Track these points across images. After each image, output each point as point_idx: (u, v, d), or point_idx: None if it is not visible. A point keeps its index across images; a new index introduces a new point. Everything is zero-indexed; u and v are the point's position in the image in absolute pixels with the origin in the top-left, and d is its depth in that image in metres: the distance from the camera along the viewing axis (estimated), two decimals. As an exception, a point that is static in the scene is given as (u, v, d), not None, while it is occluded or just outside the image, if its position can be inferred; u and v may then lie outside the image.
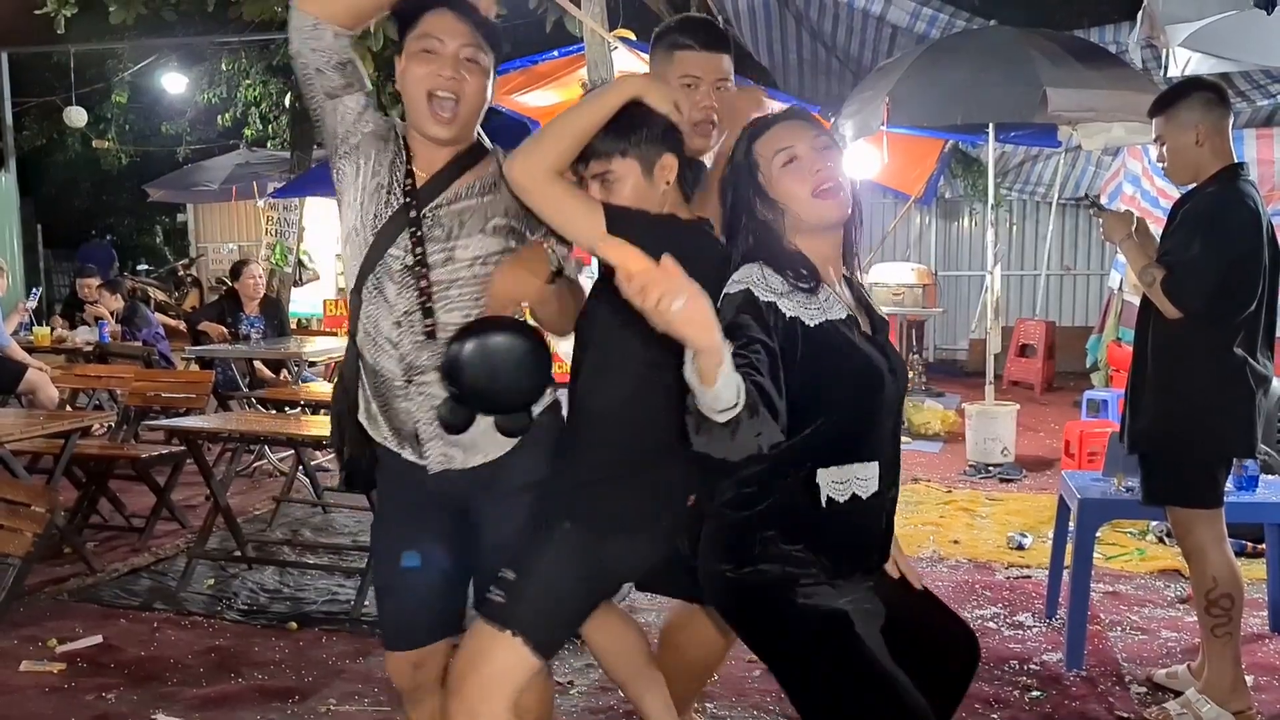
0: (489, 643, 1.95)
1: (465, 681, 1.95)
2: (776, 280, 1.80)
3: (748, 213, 1.89)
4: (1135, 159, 7.79)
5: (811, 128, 1.89)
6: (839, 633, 1.79)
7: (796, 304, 1.79)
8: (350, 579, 4.27)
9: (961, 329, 12.11)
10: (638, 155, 1.96)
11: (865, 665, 1.78)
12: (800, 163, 1.85)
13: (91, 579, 4.33)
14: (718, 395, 1.50)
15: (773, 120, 1.92)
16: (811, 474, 1.81)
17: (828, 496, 1.81)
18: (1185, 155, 2.96)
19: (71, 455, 4.44)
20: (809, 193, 1.84)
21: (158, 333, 8.07)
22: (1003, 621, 3.87)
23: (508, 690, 1.93)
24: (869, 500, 1.85)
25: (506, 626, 1.94)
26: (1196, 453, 2.98)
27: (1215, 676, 2.99)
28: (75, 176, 17.86)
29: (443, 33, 1.98)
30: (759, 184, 1.88)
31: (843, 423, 1.80)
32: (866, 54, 8.39)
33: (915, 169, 9.44)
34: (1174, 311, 2.89)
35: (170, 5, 11.03)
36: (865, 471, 1.84)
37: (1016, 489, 6.13)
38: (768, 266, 1.81)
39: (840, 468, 1.82)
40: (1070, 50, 6.30)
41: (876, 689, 1.77)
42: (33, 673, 3.38)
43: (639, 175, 1.97)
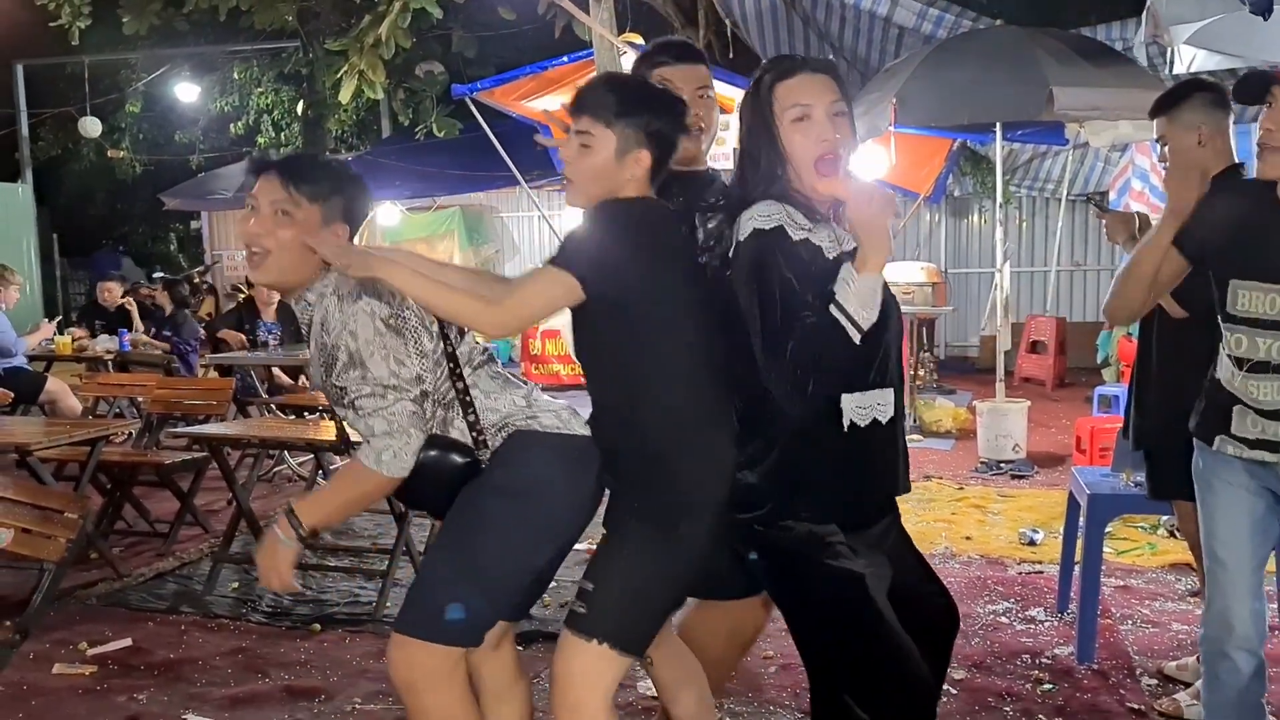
0: (579, 651, 2.02)
1: (565, 692, 2.03)
2: (800, 216, 1.90)
3: (757, 151, 1.96)
4: (1144, 155, 7.82)
5: (831, 89, 1.94)
6: (856, 596, 1.89)
7: (822, 237, 1.91)
8: (371, 581, 4.35)
9: (972, 326, 12.14)
10: (618, 134, 2.02)
11: (878, 629, 1.89)
12: (811, 124, 1.91)
13: (119, 583, 4.41)
14: (874, 287, 1.82)
15: (801, 65, 1.96)
16: (835, 400, 1.90)
17: (850, 421, 1.91)
18: (1188, 156, 3.00)
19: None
20: (811, 159, 1.91)
21: (193, 343, 8.20)
22: (1015, 616, 3.92)
23: (603, 690, 2.02)
24: (887, 425, 1.96)
25: (592, 636, 2.01)
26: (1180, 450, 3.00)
27: None
28: (90, 186, 18.05)
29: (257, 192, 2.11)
30: (771, 128, 1.94)
31: (862, 350, 1.87)
32: (874, 55, 8.44)
33: (924, 167, 9.50)
34: (1180, 312, 2.93)
35: (182, 15, 11.16)
36: (884, 398, 1.95)
37: (1028, 485, 6.17)
38: (787, 204, 1.91)
39: (863, 393, 1.92)
40: (1076, 49, 6.35)
41: (885, 652, 1.88)
42: (65, 675, 3.46)
43: (610, 153, 2.03)
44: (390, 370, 2.01)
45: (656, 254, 2.03)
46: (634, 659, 2.08)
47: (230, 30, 12.87)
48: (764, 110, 1.94)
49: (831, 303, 1.82)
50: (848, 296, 1.81)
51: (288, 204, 2.06)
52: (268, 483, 6.18)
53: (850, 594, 1.89)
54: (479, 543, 2.09)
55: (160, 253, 18.96)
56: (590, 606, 2.02)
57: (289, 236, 2.06)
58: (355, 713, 3.19)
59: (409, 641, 2.08)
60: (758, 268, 1.87)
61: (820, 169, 1.90)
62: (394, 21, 7.78)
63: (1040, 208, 12.04)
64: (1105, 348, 8.50)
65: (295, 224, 2.06)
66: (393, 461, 2.00)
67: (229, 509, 5.49)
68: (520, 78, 7.68)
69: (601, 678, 2.02)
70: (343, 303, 2.04)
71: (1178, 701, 3.09)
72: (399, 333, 2.03)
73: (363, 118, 15.15)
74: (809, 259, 1.88)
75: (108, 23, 11.40)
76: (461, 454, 2.10)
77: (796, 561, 1.93)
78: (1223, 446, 2.39)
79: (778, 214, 1.89)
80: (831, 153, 1.90)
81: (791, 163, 1.93)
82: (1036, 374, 10.24)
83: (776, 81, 1.94)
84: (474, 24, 12.19)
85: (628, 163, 2.04)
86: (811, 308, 1.83)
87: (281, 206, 2.06)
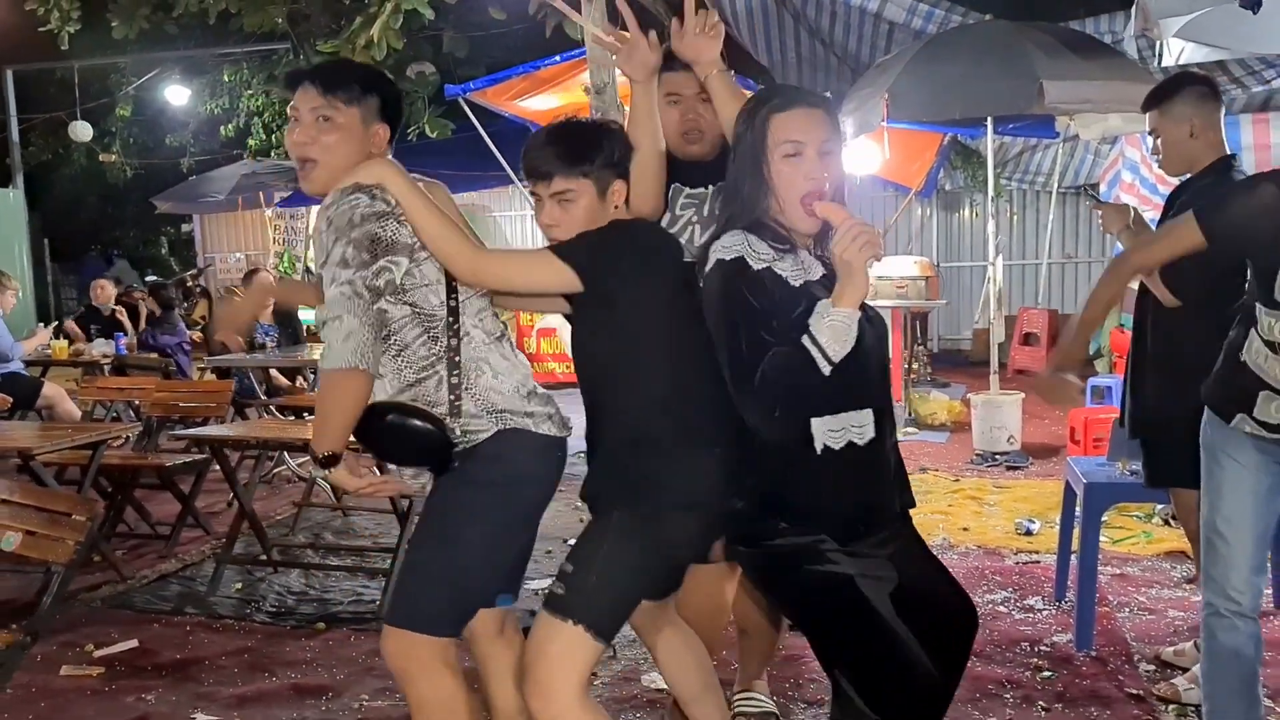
0: (554, 632, 2.07)
1: (535, 669, 2.09)
2: (763, 246, 1.92)
3: (745, 179, 1.98)
4: (1134, 147, 7.87)
5: (824, 126, 1.96)
6: (846, 596, 1.91)
7: (783, 267, 1.92)
8: (374, 579, 4.38)
9: (965, 319, 12.20)
10: (594, 179, 2.15)
11: (874, 629, 1.91)
12: (801, 161, 1.94)
13: (122, 586, 4.43)
14: (849, 323, 1.81)
15: (797, 99, 1.98)
16: (806, 426, 1.91)
17: (824, 445, 1.92)
18: (1179, 148, 3.05)
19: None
20: (797, 196, 1.94)
21: (184, 343, 8.21)
22: (1013, 605, 3.96)
23: (576, 673, 2.06)
24: (867, 447, 1.95)
25: (568, 617, 2.06)
26: (1198, 434, 3.06)
27: None
28: (81, 190, 18.01)
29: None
30: (759, 158, 1.97)
31: (834, 376, 1.86)
32: (865, 50, 8.47)
33: (915, 162, 9.54)
34: (1172, 300, 2.97)
35: (171, 19, 11.13)
36: (860, 419, 1.94)
37: (1023, 476, 6.22)
38: (751, 234, 1.94)
39: (834, 416, 1.92)
40: (1066, 42, 6.38)
41: (884, 651, 1.91)
42: (73, 676, 3.49)
43: (593, 196, 2.16)
44: (346, 261, 2.02)
45: (646, 259, 2.13)
46: (606, 645, 2.12)
47: (220, 33, 12.82)
48: (756, 140, 1.96)
49: (805, 334, 1.82)
50: (820, 329, 1.81)
51: (327, 109, 2.13)
52: (267, 484, 6.20)
53: (842, 595, 1.91)
54: (459, 534, 2.14)
55: (152, 256, 18.94)
56: (569, 589, 2.08)
57: (333, 141, 2.13)
58: (363, 709, 3.21)
59: (398, 632, 2.15)
60: (722, 298, 1.90)
61: (806, 206, 1.93)
62: (385, 23, 7.77)
63: (1031, 201, 12.11)
64: (1097, 339, 8.55)
65: (337, 128, 2.13)
66: (326, 353, 2.04)
67: (229, 511, 5.52)
68: (513, 77, 7.70)
69: (575, 660, 2.06)
70: (340, 195, 2.08)
71: (1175, 686, 3.13)
72: (375, 236, 2.04)
73: (354, 119, 15.12)
74: (771, 288, 1.89)
75: (97, 27, 11.36)
76: (423, 420, 2.12)
77: (785, 571, 1.95)
78: (1241, 425, 2.44)
79: (739, 245, 1.91)
80: (818, 191, 1.92)
81: (776, 196, 1.95)
82: (1029, 366, 10.29)
83: (772, 114, 1.96)
84: (465, 24, 12.18)
85: (610, 197, 2.17)
86: (779, 336, 1.84)
87: (322, 113, 2.13)
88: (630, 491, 2.10)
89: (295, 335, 7.21)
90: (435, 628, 2.14)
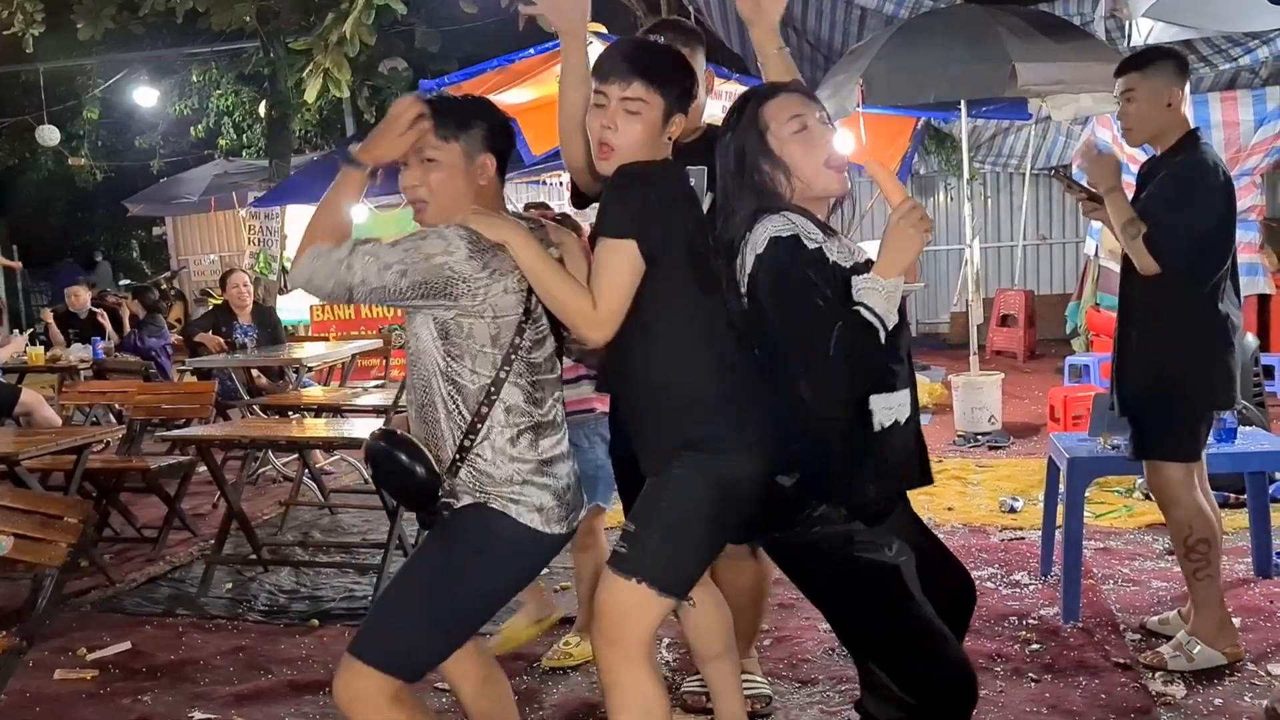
0: (619, 588, 2.09)
1: (601, 622, 2.12)
2: (810, 226, 1.96)
3: (755, 170, 2.01)
4: (1105, 128, 7.94)
5: (816, 103, 2.04)
6: (892, 587, 1.96)
7: (833, 249, 1.98)
8: (365, 575, 4.38)
9: (943, 302, 12.28)
10: (666, 101, 2.11)
11: (916, 617, 1.96)
12: (811, 133, 2.00)
13: (111, 590, 4.42)
14: (896, 290, 1.90)
15: (779, 88, 2.04)
16: (864, 402, 1.97)
17: (880, 422, 1.98)
18: (1152, 117, 3.05)
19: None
20: (821, 162, 2.00)
21: (167, 345, 8.16)
22: (1000, 581, 4.02)
23: (641, 628, 2.09)
24: (906, 424, 2.03)
25: (632, 575, 2.07)
26: (1185, 408, 3.10)
27: (1202, 618, 3.15)
28: (50, 195, 17.81)
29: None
30: (767, 145, 2.00)
31: (888, 351, 1.93)
32: (837, 37, 8.52)
33: (889, 147, 9.57)
34: (1153, 267, 2.97)
35: (138, 19, 11.03)
36: (902, 398, 2.03)
37: (1005, 455, 6.29)
38: (797, 215, 1.97)
39: (887, 395, 1.99)
40: (1036, 25, 6.45)
41: (924, 638, 1.96)
42: (67, 680, 3.47)
43: (658, 118, 2.11)
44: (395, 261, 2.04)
45: (678, 209, 2.09)
46: (676, 599, 2.14)
47: (187, 32, 12.72)
48: (755, 131, 2.00)
49: (862, 305, 1.89)
50: (875, 299, 1.88)
51: (429, 149, 2.12)
52: (252, 485, 6.18)
53: (886, 585, 1.96)
54: (445, 595, 2.11)
55: (124, 260, 18.73)
56: (631, 546, 2.09)
57: (438, 180, 2.12)
58: (360, 703, 3.22)
59: (361, 666, 2.08)
60: (780, 276, 1.93)
61: (832, 166, 1.99)
62: (358, 18, 7.76)
63: (1005, 183, 12.18)
64: (1074, 318, 8.65)
65: (442, 166, 2.12)
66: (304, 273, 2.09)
67: (216, 512, 5.51)
68: (487, 71, 7.67)
69: (641, 616, 2.08)
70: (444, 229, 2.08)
71: (1161, 654, 3.19)
72: (431, 273, 2.04)
73: (326, 116, 15.05)
74: (825, 267, 1.94)
75: (62, 29, 11.25)
76: (422, 464, 2.08)
77: (830, 559, 1.99)
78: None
79: (788, 226, 1.95)
80: (837, 155, 2.00)
81: (798, 174, 1.99)
82: (1008, 347, 10.40)
83: (763, 102, 2.01)
84: (436, 19, 12.14)
85: (670, 126, 2.13)
86: (837, 311, 1.89)
87: (425, 155, 2.12)
88: (687, 446, 2.08)
89: (274, 335, 7.17)
90: (396, 668, 2.09)
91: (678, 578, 2.11)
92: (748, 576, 2.84)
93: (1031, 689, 3.10)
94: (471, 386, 2.09)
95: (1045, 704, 2.99)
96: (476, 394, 2.09)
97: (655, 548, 2.08)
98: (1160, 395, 3.10)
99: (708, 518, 2.09)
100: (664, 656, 3.43)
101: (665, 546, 2.08)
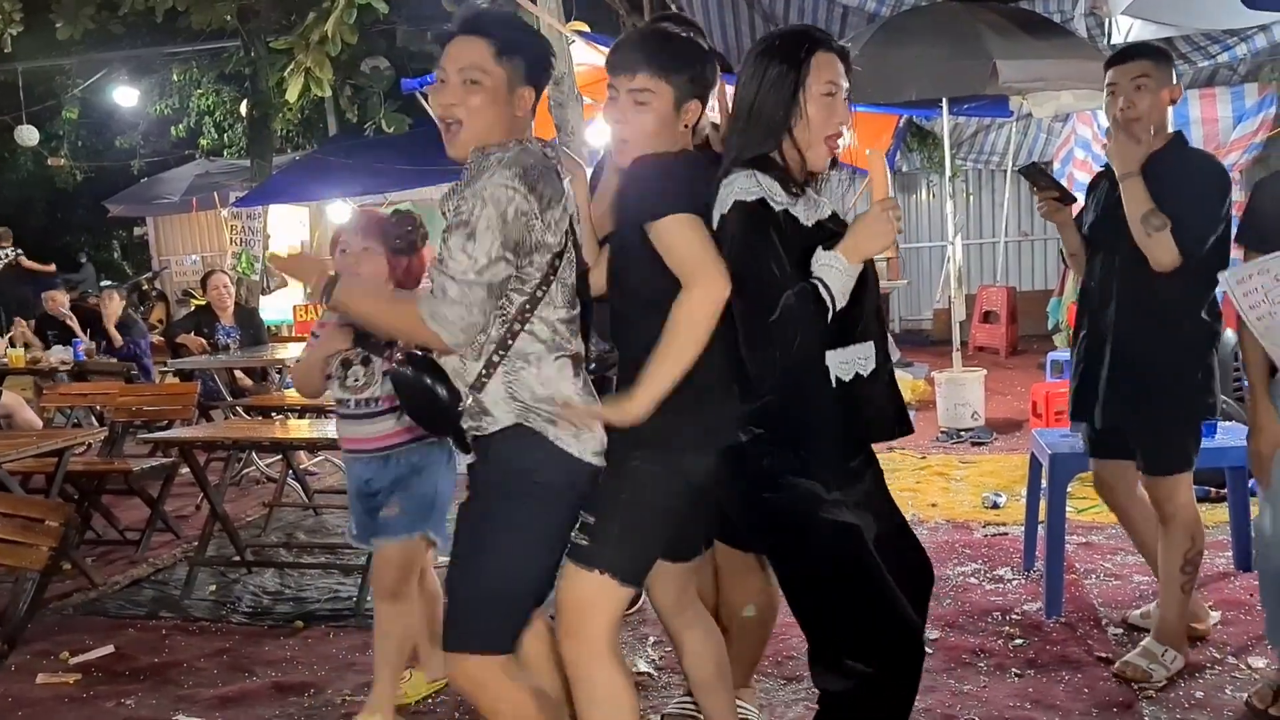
0: (580, 581, 2.10)
1: (564, 616, 2.13)
2: (776, 187, 1.99)
3: (782, 104, 2.02)
4: (1085, 125, 8.00)
5: (844, 74, 2.07)
6: (852, 546, 1.99)
7: (799, 209, 2.01)
8: (349, 576, 4.36)
9: (925, 299, 12.33)
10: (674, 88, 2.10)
11: (872, 578, 1.99)
12: (834, 102, 2.03)
13: (94, 593, 4.39)
14: (853, 276, 1.95)
15: (832, 42, 2.07)
16: (820, 358, 2.00)
17: (836, 377, 2.01)
18: (1161, 106, 2.95)
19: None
20: (823, 134, 2.03)
21: (148, 344, 8.12)
22: (983, 577, 4.04)
23: (604, 619, 2.11)
24: (870, 377, 2.06)
25: (592, 566, 2.09)
26: (1193, 416, 3.04)
27: (1173, 625, 3.12)
28: (29, 196, 17.64)
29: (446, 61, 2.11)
30: (800, 88, 2.02)
31: (842, 308, 1.97)
32: (819, 35, 8.51)
33: (872, 144, 9.61)
34: (1171, 263, 2.85)
35: (117, 18, 10.95)
36: (864, 351, 2.06)
37: (988, 451, 6.33)
38: (764, 175, 1.99)
39: (844, 349, 2.02)
40: (1017, 22, 6.49)
41: (880, 599, 1.98)
42: (50, 685, 3.45)
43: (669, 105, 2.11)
44: (489, 251, 1.97)
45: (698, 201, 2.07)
46: (635, 589, 2.15)
47: (167, 32, 12.65)
48: (795, 73, 2.01)
49: (819, 281, 1.93)
50: (833, 280, 1.94)
51: (476, 71, 2.06)
52: (235, 486, 6.15)
53: (847, 545, 1.99)
54: (498, 547, 2.10)
55: (105, 261, 18.60)
56: (591, 538, 2.10)
57: (478, 103, 2.06)
58: (345, 704, 3.22)
59: (459, 656, 2.11)
60: (742, 244, 1.96)
61: (830, 144, 2.04)
62: (339, 17, 7.73)
63: (987, 180, 12.24)
64: (1055, 314, 8.69)
65: (484, 90, 2.07)
66: (442, 324, 1.99)
67: (198, 514, 5.48)
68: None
69: (603, 607, 2.10)
70: (499, 169, 2.01)
71: (1140, 668, 3.12)
72: (516, 230, 2.00)
73: (308, 116, 14.98)
74: (788, 229, 1.98)
75: (41, 28, 11.17)
76: (443, 385, 2.08)
77: (794, 517, 2.02)
78: None
79: (756, 187, 1.97)
80: (839, 133, 2.04)
81: (808, 129, 2.02)
82: (990, 343, 10.45)
83: (815, 50, 2.02)
84: (418, 17, 12.09)
85: (684, 113, 2.12)
86: (790, 280, 1.93)
87: (469, 75, 2.07)
88: (647, 436, 2.08)
89: (257, 336, 7.14)
90: (490, 645, 2.10)
91: (637, 567, 2.14)
92: (753, 594, 2.69)
93: (1014, 684, 3.11)
94: (516, 298, 2.06)
95: (1028, 699, 3.01)
96: (520, 305, 2.06)
97: (616, 539, 2.09)
98: (1174, 406, 3.00)
99: (668, 509, 2.12)
100: (651, 655, 3.43)
101: (626, 537, 2.09)
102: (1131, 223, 2.89)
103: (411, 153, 10.69)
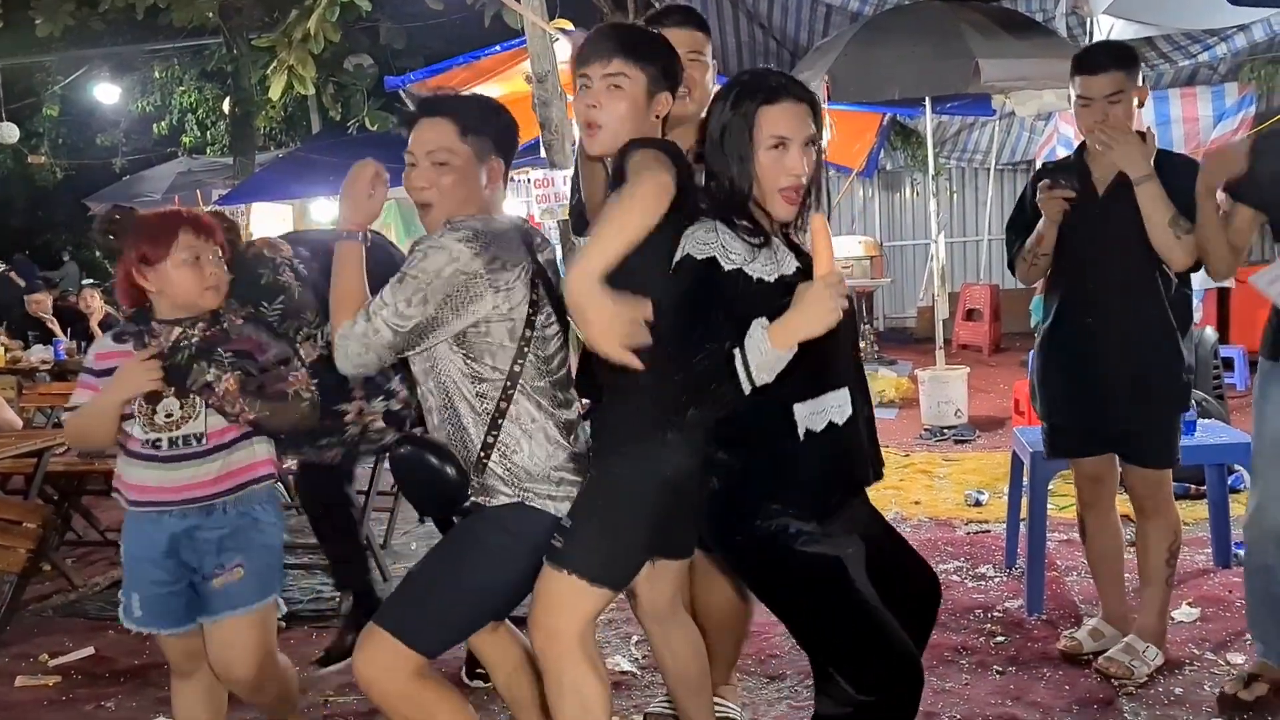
0: (553, 582, 2.11)
1: (538, 614, 2.14)
2: (737, 244, 1.95)
3: (736, 165, 2.00)
4: (1067, 123, 8.02)
5: (807, 121, 2.00)
6: (833, 578, 1.96)
7: (757, 266, 1.95)
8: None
9: (909, 297, 12.37)
10: (649, 76, 2.12)
11: (856, 608, 1.95)
12: (785, 155, 1.98)
13: (74, 594, 4.36)
14: (782, 359, 1.83)
15: (785, 92, 2.00)
16: (788, 411, 1.96)
17: (806, 429, 1.97)
18: (1131, 116, 2.91)
19: (43, 473, 4.46)
20: (775, 187, 1.99)
21: None
22: (966, 574, 4.05)
23: (576, 620, 2.11)
24: (846, 424, 2.02)
25: (563, 567, 2.10)
26: (1180, 410, 3.08)
27: (1153, 620, 3.14)
28: (9, 194, 17.54)
29: None
30: (749, 145, 1.99)
31: (808, 360, 1.91)
32: (803, 34, 8.55)
33: (855, 143, 9.64)
34: (1191, 262, 2.83)
35: (98, 15, 10.90)
36: (838, 398, 2.02)
37: (971, 449, 6.35)
38: (726, 228, 1.96)
39: (813, 400, 1.98)
40: (999, 22, 6.52)
41: (866, 629, 1.95)
42: (29, 687, 3.43)
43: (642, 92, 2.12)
44: (409, 298, 2.02)
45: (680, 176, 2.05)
46: (611, 592, 2.15)
47: (149, 29, 12.59)
48: (744, 130, 1.98)
49: (739, 353, 1.85)
50: (754, 356, 1.84)
51: (442, 152, 2.12)
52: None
53: (827, 577, 1.96)
54: (467, 570, 2.14)
55: (86, 259, 18.48)
56: (566, 540, 2.11)
57: (450, 183, 2.13)
58: (328, 704, 3.21)
59: (382, 636, 2.10)
60: (679, 298, 1.92)
61: (786, 197, 1.98)
62: (322, 15, 7.70)
63: (970, 178, 12.28)
64: (1038, 312, 8.72)
65: (453, 169, 2.13)
66: (341, 348, 2.07)
67: (181, 514, 5.44)
68: (453, 68, 7.65)
69: (574, 608, 2.11)
70: (449, 229, 2.06)
71: (1122, 664, 3.13)
72: (451, 286, 2.03)
73: (291, 113, 14.93)
74: (739, 290, 1.92)
75: (20, 25, 11.10)
76: (451, 465, 2.11)
77: (770, 554, 1.99)
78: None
79: (713, 243, 1.93)
80: (797, 185, 1.98)
81: (759, 184, 1.99)
82: (973, 341, 10.49)
83: (762, 105, 1.98)
84: (401, 15, 12.07)
85: (655, 104, 2.13)
86: (720, 339, 1.86)
87: (438, 157, 2.13)
88: (623, 438, 2.10)
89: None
90: (416, 641, 2.11)
91: (611, 570, 2.13)
92: (722, 592, 2.70)
93: (996, 681, 3.13)
94: (495, 378, 2.11)
95: (1009, 695, 3.02)
96: (500, 385, 2.11)
97: (589, 541, 2.10)
98: (1168, 401, 3.03)
99: (644, 511, 2.12)
100: (634, 654, 3.43)
101: (598, 540, 2.10)
102: (1154, 226, 2.82)
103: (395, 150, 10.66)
